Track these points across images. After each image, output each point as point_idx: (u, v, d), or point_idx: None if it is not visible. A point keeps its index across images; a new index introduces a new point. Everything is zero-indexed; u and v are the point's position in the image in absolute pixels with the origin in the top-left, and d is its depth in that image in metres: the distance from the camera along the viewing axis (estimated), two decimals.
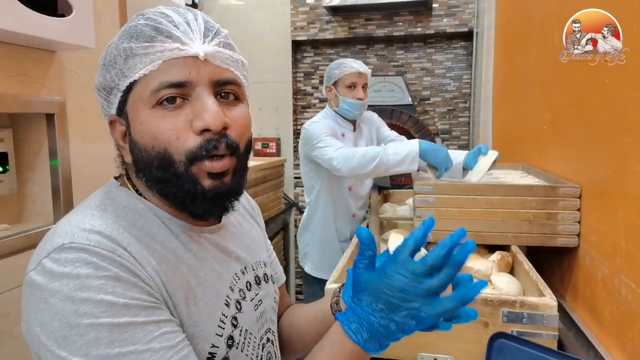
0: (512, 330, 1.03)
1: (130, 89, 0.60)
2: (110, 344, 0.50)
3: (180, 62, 0.58)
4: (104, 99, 0.63)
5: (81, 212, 0.59)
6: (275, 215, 3.11)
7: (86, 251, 0.53)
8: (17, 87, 1.17)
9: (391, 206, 2.25)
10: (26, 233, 1.19)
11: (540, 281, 1.14)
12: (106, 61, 0.61)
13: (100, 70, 0.62)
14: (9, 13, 1.02)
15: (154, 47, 0.58)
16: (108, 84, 0.61)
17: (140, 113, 0.58)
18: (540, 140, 1.68)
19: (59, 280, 0.51)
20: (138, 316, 0.52)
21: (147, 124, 0.58)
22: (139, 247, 0.58)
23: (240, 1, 3.41)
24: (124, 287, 0.53)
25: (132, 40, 0.58)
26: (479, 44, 2.98)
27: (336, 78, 1.99)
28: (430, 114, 3.38)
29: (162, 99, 0.58)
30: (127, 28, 0.61)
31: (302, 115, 3.61)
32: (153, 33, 0.58)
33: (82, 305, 0.50)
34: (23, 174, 1.29)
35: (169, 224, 0.63)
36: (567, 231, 1.30)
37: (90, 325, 0.50)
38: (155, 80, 0.57)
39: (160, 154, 0.58)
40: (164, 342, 0.53)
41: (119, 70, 0.59)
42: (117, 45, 0.60)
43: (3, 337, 1.13)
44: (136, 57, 0.58)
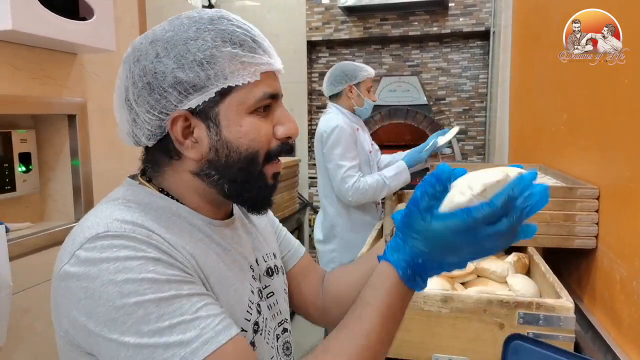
0: (527, 332, 1.03)
1: (227, 92, 0.61)
2: (160, 317, 0.51)
3: (272, 75, 0.64)
4: (179, 94, 0.60)
5: (107, 207, 0.60)
6: (290, 215, 3.13)
7: (122, 237, 0.54)
8: (39, 88, 1.20)
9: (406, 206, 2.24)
10: (48, 231, 1.22)
11: (557, 283, 1.13)
12: (198, 58, 0.59)
13: (186, 66, 0.59)
14: (33, 17, 1.05)
15: (255, 59, 0.62)
16: (201, 82, 0.60)
17: (240, 116, 0.62)
18: (557, 141, 1.66)
19: (97, 266, 0.52)
20: (181, 289, 0.54)
21: (247, 127, 0.62)
22: (171, 235, 0.59)
23: (256, 2, 3.44)
24: (164, 266, 0.54)
25: (236, 47, 0.60)
26: (495, 43, 2.96)
27: (361, 79, 2.12)
28: (445, 114, 3.36)
29: (261, 106, 0.63)
30: (221, 31, 0.61)
31: (316, 115, 3.62)
32: (253, 45, 0.62)
33: (126, 285, 0.51)
34: (45, 173, 1.32)
35: (190, 219, 0.65)
36: (585, 233, 1.29)
37: (137, 303, 0.51)
38: (259, 89, 0.62)
39: (251, 155, 0.63)
40: (210, 311, 0.55)
41: (220, 71, 0.60)
42: (216, 46, 0.60)
43: (25, 332, 1.16)
44: (238, 63, 0.60)
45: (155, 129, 0.63)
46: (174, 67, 0.60)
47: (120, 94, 0.65)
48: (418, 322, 1.08)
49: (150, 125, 0.62)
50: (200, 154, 0.63)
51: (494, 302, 1.04)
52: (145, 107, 0.62)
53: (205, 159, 0.63)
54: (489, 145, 3.20)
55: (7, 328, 1.06)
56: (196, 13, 0.64)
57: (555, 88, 1.68)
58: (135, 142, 0.66)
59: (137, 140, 0.65)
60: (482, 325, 1.06)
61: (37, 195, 1.32)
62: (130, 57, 0.63)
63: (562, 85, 1.59)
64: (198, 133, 0.62)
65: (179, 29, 0.61)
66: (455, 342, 1.08)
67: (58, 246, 0.58)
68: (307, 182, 3.56)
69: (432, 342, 1.09)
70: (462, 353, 1.09)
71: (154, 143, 0.64)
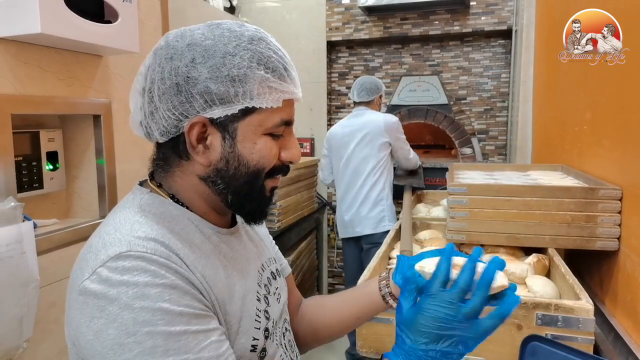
0: (546, 333, 1.02)
1: (250, 111, 0.63)
2: (166, 352, 0.53)
3: (291, 103, 0.68)
4: (205, 102, 0.62)
5: (126, 220, 0.62)
6: (309, 215, 3.14)
7: (144, 259, 0.56)
8: (66, 89, 1.24)
9: (425, 207, 2.24)
10: (74, 227, 1.27)
11: (576, 284, 1.11)
12: (232, 74, 0.61)
13: (220, 79, 0.61)
14: (61, 21, 1.08)
15: (283, 86, 0.64)
16: (228, 96, 0.62)
17: (257, 135, 0.65)
18: (580, 141, 1.63)
19: (116, 288, 0.53)
20: (190, 324, 0.56)
21: (261, 147, 0.65)
22: (186, 251, 0.61)
23: (276, 3, 3.46)
24: (179, 295, 0.56)
25: (269, 72, 0.63)
26: (518, 42, 2.91)
27: (382, 92, 2.80)
28: (466, 114, 3.33)
29: (277, 132, 0.66)
30: (258, 53, 0.63)
31: (336, 115, 3.62)
32: (284, 72, 0.65)
33: (141, 313, 0.53)
34: (71, 171, 1.36)
35: (201, 227, 0.67)
36: (607, 234, 1.26)
37: (149, 333, 0.53)
38: (278, 116, 0.65)
39: (257, 171, 0.66)
40: (212, 352, 0.57)
41: (248, 91, 0.62)
42: (251, 68, 0.62)
43: (52, 325, 1.20)
44: (266, 88, 0.63)
45: (170, 128, 0.64)
46: (207, 76, 0.61)
47: (142, 82, 0.66)
48: None
49: (167, 123, 0.63)
50: (210, 161, 0.65)
51: None
52: (167, 104, 0.63)
53: (214, 166, 0.65)
54: (510, 145, 3.15)
55: (34, 320, 1.10)
56: (238, 27, 0.65)
57: (579, 87, 1.66)
58: (146, 133, 0.67)
59: (149, 133, 0.66)
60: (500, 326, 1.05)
61: (63, 192, 1.36)
62: (164, 51, 0.64)
63: (586, 84, 1.57)
64: (212, 141, 0.64)
65: (219, 40, 0.62)
66: None
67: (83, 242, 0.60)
68: None
69: None
70: (478, 353, 1.08)
71: (165, 140, 0.66)
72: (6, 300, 1.02)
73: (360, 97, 2.72)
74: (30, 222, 1.09)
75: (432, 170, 3.09)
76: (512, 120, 3.09)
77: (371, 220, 2.63)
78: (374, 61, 3.51)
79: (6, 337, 1.04)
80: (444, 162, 3.20)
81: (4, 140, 1.06)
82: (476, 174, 1.90)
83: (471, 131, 3.28)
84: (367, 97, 2.71)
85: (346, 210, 2.68)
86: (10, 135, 1.08)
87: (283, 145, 0.68)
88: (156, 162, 0.70)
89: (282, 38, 3.41)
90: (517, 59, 2.92)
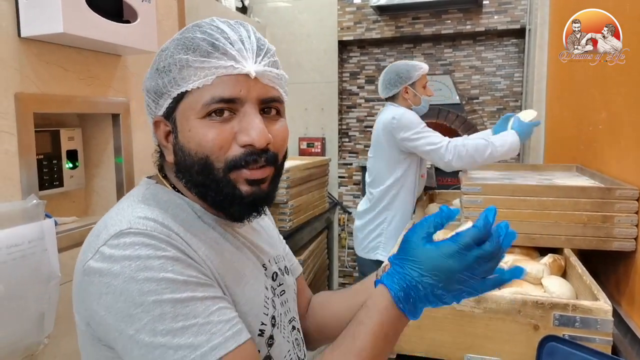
0: (563, 334, 1.02)
1: (181, 97, 0.63)
2: (174, 318, 0.54)
3: (232, 79, 0.61)
4: (152, 101, 0.66)
5: (128, 205, 0.63)
6: (320, 214, 3.15)
7: (144, 235, 0.57)
8: (86, 89, 1.26)
9: (437, 206, 2.23)
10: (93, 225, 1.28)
11: (594, 285, 1.11)
12: (160, 66, 0.64)
13: (152, 74, 0.65)
14: (82, 21, 1.10)
15: (210, 63, 0.61)
16: (160, 88, 0.64)
17: (190, 121, 0.62)
18: (596, 141, 1.62)
19: (120, 263, 0.55)
20: (197, 291, 0.56)
21: (194, 132, 0.62)
22: (188, 235, 0.62)
23: (288, 3, 3.47)
24: (182, 266, 0.57)
25: (189, 52, 0.61)
26: (531, 41, 2.90)
27: (416, 79, 2.16)
28: (478, 113, 3.32)
29: (212, 111, 0.61)
30: (183, 39, 0.63)
31: (347, 115, 3.63)
32: (210, 49, 0.61)
33: (146, 284, 0.54)
34: (90, 170, 1.38)
35: (205, 218, 0.67)
36: (624, 235, 1.26)
37: (155, 301, 0.53)
38: (208, 93, 0.61)
39: (202, 160, 0.62)
40: (222, 316, 0.57)
41: (172, 78, 0.62)
42: (173, 54, 0.62)
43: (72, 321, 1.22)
44: (191, 69, 0.61)
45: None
46: (148, 76, 0.66)
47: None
48: (451, 321, 1.08)
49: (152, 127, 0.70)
50: (172, 157, 0.66)
51: (529, 303, 1.04)
52: (148, 110, 0.69)
53: (173, 162, 0.66)
54: (523, 145, 3.13)
55: (55, 316, 1.12)
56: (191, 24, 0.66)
57: (595, 86, 1.64)
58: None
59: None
60: (516, 326, 1.05)
61: (82, 190, 1.38)
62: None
63: (601, 83, 1.56)
64: (171, 137, 0.66)
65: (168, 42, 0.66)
66: (488, 342, 1.08)
67: None
68: (336, 182, 3.58)
69: (465, 342, 1.09)
70: (495, 354, 1.08)
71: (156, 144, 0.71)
72: (28, 297, 1.04)
73: (384, 92, 2.23)
74: (52, 219, 1.11)
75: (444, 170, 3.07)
76: None
77: (363, 243, 2.29)
78: (385, 61, 3.50)
79: (28, 333, 1.06)
80: None
81: (27, 138, 1.08)
82: (490, 174, 1.89)
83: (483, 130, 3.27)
84: (387, 92, 2.21)
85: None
86: (32, 133, 1.10)
87: (238, 129, 0.62)
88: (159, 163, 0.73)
89: (293, 38, 3.44)
90: (531, 58, 2.90)
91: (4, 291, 0.98)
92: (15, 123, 1.06)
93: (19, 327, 1.03)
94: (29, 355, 1.09)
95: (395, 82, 2.18)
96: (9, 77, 1.05)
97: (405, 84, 2.16)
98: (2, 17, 1.04)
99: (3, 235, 0.99)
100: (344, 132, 3.64)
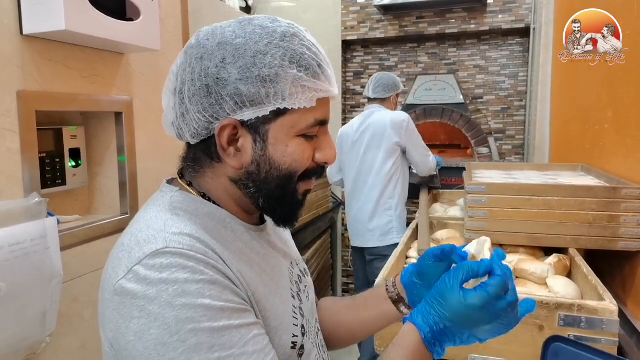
0: (568, 334, 1.01)
1: (282, 112, 0.61)
2: (211, 348, 0.52)
3: (326, 102, 0.65)
4: (235, 104, 0.60)
5: (158, 216, 0.61)
6: (323, 214, 3.14)
7: (182, 256, 0.54)
8: (89, 87, 1.26)
9: (442, 206, 2.22)
10: (96, 224, 1.28)
11: (599, 285, 1.10)
12: (263, 74, 0.59)
13: (251, 79, 0.59)
14: (85, 18, 1.10)
15: (317, 85, 0.62)
16: (258, 97, 0.59)
17: (289, 138, 0.62)
18: (602, 140, 1.61)
19: (156, 287, 0.52)
20: (232, 319, 0.55)
21: (293, 149, 0.63)
22: (221, 248, 0.60)
23: (292, 2, 3.47)
24: (219, 290, 0.55)
25: (302, 70, 0.60)
26: (536, 40, 2.88)
27: (400, 91, 2.61)
28: (483, 113, 3.30)
29: (311, 132, 0.64)
30: (291, 51, 0.60)
31: (350, 114, 3.62)
32: (318, 70, 0.62)
33: (183, 311, 0.52)
34: (93, 168, 1.38)
35: (232, 225, 0.66)
36: (630, 234, 1.25)
37: (192, 330, 0.51)
38: (311, 116, 0.62)
39: (288, 175, 0.64)
40: (256, 345, 0.56)
41: (279, 91, 0.59)
42: (282, 66, 0.59)
43: (74, 320, 1.22)
44: (299, 87, 0.60)
45: (201, 130, 0.62)
46: (237, 77, 0.59)
47: (174, 82, 0.64)
48: None
49: (198, 125, 0.62)
50: (241, 164, 0.63)
51: None
52: (197, 107, 0.61)
53: (245, 169, 0.63)
54: (528, 145, 3.12)
55: (57, 315, 1.11)
56: (270, 23, 0.62)
57: (601, 85, 1.63)
58: (178, 134, 0.66)
59: (180, 134, 0.65)
60: (521, 327, 1.03)
61: (85, 189, 1.38)
62: (194, 51, 0.62)
63: (608, 82, 1.54)
64: (243, 143, 0.62)
65: (250, 38, 0.60)
66: (492, 342, 1.06)
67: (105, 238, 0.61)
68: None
69: None
70: (499, 354, 1.07)
71: (197, 142, 0.64)
72: (30, 295, 1.04)
73: (376, 92, 2.53)
74: (54, 217, 1.11)
75: (448, 170, 3.06)
76: (530, 120, 3.06)
77: (377, 232, 2.46)
78: (389, 60, 3.49)
79: (30, 332, 1.06)
80: (459, 162, 3.17)
81: (29, 136, 1.08)
82: (494, 174, 1.88)
83: (488, 130, 3.25)
84: (383, 94, 2.53)
85: (353, 219, 2.58)
86: (35, 131, 1.10)
87: (317, 146, 0.65)
88: (187, 162, 0.68)
89: None
90: (535, 58, 2.89)
91: (6, 290, 0.98)
92: (17, 121, 1.06)
93: (21, 325, 1.03)
94: (31, 354, 1.09)
95: (392, 88, 2.54)
96: (12, 75, 1.05)
97: (397, 91, 2.58)
98: (4, 14, 1.04)
99: (5, 233, 0.99)
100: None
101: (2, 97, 1.03)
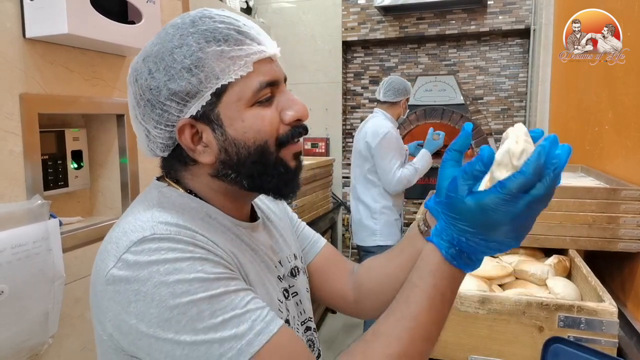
0: (568, 335, 1.01)
1: (222, 91, 0.60)
2: (213, 314, 0.53)
3: (265, 63, 0.63)
4: (177, 104, 0.61)
5: (145, 211, 0.61)
6: (324, 214, 3.15)
7: (169, 240, 0.55)
8: (91, 89, 1.27)
9: None
10: (98, 225, 1.29)
11: (599, 286, 1.10)
12: (185, 65, 0.59)
13: (176, 76, 0.60)
14: (87, 21, 1.10)
15: (244, 50, 0.60)
16: (193, 88, 0.60)
17: (241, 112, 0.62)
18: (602, 141, 1.61)
19: (147, 269, 0.53)
20: (229, 285, 0.55)
21: (250, 121, 0.62)
22: (211, 235, 0.61)
23: (292, 3, 3.47)
24: (211, 265, 0.56)
25: (221, 43, 0.60)
26: (536, 41, 2.89)
27: (409, 95, 2.64)
28: (483, 114, 3.31)
29: (261, 97, 0.62)
30: (204, 31, 0.60)
31: (351, 115, 3.62)
32: (240, 37, 0.61)
33: (178, 286, 0.52)
34: (95, 170, 1.39)
35: (220, 220, 0.67)
36: (630, 235, 1.25)
37: (190, 302, 0.52)
38: (254, 81, 0.61)
39: (260, 147, 0.63)
40: (257, 304, 0.56)
41: (209, 73, 0.59)
42: (202, 48, 0.59)
43: (76, 321, 1.22)
44: (226, 60, 0.60)
45: (166, 141, 0.64)
46: (165, 79, 0.60)
47: (132, 113, 0.66)
48: (454, 322, 1.08)
49: (161, 139, 0.64)
50: (214, 157, 0.63)
51: (534, 305, 1.03)
52: (152, 123, 0.63)
53: (218, 160, 0.63)
54: None
55: (59, 316, 1.12)
56: (179, 19, 0.63)
57: (601, 86, 1.64)
58: (153, 154, 0.68)
59: (155, 153, 0.67)
60: (521, 328, 1.05)
61: (87, 191, 1.39)
62: (131, 77, 0.64)
63: (608, 83, 1.55)
64: (206, 137, 0.62)
65: (164, 39, 0.61)
66: (492, 343, 1.08)
67: None
68: (340, 182, 3.58)
69: (469, 343, 1.09)
70: (499, 355, 1.08)
71: (168, 153, 0.66)
72: (33, 297, 1.05)
73: (386, 96, 2.57)
74: (56, 219, 1.12)
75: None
76: (530, 120, 3.06)
77: (364, 233, 2.60)
78: (389, 61, 3.50)
79: (33, 333, 1.06)
80: None
81: (32, 139, 1.09)
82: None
83: (488, 131, 3.26)
84: (393, 98, 2.57)
85: (351, 219, 2.75)
86: (37, 134, 1.11)
87: (281, 108, 0.64)
88: (168, 174, 0.69)
89: (298, 38, 3.44)
90: (535, 59, 2.89)
91: (9, 291, 0.98)
92: (20, 123, 1.06)
93: (23, 327, 1.04)
94: (33, 355, 1.09)
95: (402, 92, 2.58)
96: (14, 78, 1.06)
97: (407, 96, 2.62)
98: (7, 17, 1.04)
99: (8, 235, 0.99)
100: (347, 132, 3.64)
101: (4, 100, 1.03)
